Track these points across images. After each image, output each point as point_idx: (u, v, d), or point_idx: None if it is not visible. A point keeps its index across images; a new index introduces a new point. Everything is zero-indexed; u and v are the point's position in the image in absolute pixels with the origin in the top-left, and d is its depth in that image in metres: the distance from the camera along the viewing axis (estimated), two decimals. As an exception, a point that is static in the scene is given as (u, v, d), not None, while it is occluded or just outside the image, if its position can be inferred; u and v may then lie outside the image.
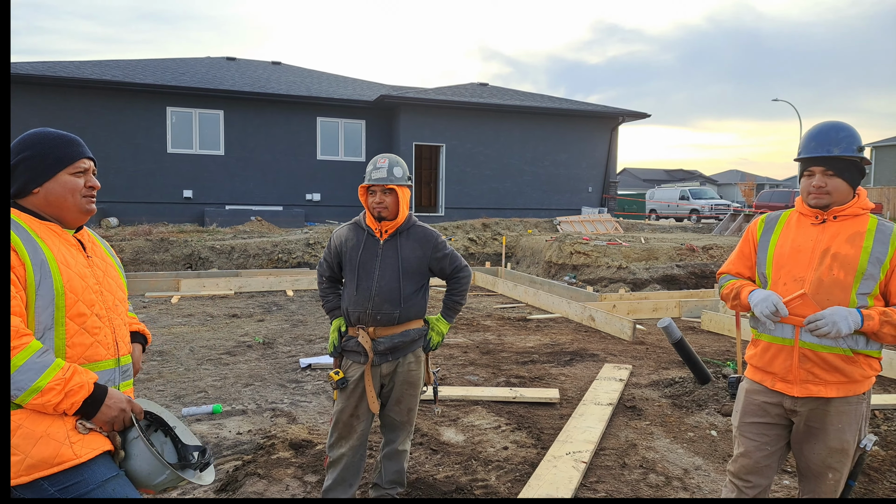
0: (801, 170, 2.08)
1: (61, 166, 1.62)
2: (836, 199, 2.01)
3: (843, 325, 1.86)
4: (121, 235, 12.35)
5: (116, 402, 1.54)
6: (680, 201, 27.02)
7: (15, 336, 1.40)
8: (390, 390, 2.67)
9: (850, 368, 1.96)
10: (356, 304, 2.57)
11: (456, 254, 2.72)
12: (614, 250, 11.42)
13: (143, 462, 1.55)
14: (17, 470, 1.43)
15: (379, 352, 2.57)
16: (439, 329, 2.70)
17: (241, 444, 3.59)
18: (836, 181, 1.99)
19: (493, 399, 4.42)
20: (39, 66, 16.22)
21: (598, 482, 3.16)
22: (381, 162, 2.57)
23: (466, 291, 2.75)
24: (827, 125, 2.04)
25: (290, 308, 8.39)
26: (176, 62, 19.83)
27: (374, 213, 2.57)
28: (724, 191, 47.02)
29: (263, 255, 11.90)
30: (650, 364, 5.54)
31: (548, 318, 7.81)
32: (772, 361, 2.07)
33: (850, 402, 1.99)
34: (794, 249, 2.05)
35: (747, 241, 2.24)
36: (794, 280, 2.02)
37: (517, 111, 18.94)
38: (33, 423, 1.45)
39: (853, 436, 2.00)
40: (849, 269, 1.95)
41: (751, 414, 2.13)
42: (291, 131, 17.65)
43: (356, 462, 2.68)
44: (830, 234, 2.01)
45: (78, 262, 1.62)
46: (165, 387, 4.72)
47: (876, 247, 1.95)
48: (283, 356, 5.73)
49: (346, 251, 2.63)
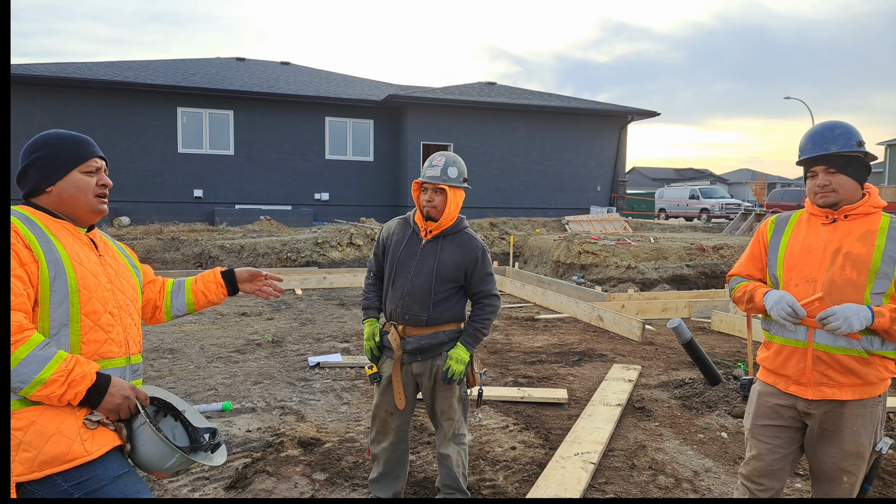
0: (805, 172, 2.06)
1: (73, 165, 1.64)
2: (843, 197, 1.98)
3: (854, 320, 1.82)
4: (132, 234, 12.45)
5: (120, 389, 1.55)
6: (690, 200, 26.86)
7: (18, 330, 1.42)
8: (424, 392, 2.62)
9: (864, 370, 1.93)
10: (390, 300, 2.57)
11: (493, 277, 2.61)
12: (623, 250, 11.37)
13: (152, 447, 1.57)
14: (30, 466, 1.45)
15: (407, 351, 2.54)
16: (459, 357, 2.48)
17: (250, 442, 3.61)
18: (840, 177, 1.97)
19: (501, 399, 4.41)
20: (52, 67, 16.39)
21: (606, 483, 3.14)
22: (438, 160, 2.51)
23: (491, 322, 2.57)
24: (822, 125, 2.03)
25: (298, 307, 8.43)
26: (186, 63, 19.97)
27: (423, 211, 2.53)
28: (734, 190, 46.68)
29: (272, 254, 11.96)
30: (660, 365, 5.51)
31: (556, 318, 7.79)
32: (785, 364, 2.04)
33: (865, 405, 1.96)
34: (805, 250, 2.03)
35: (757, 242, 2.21)
36: (806, 281, 2.00)
37: (525, 110, 18.91)
38: (46, 420, 1.47)
39: (868, 439, 1.97)
40: (861, 268, 1.92)
41: (763, 416, 2.11)
42: (300, 131, 17.73)
43: (398, 456, 2.70)
44: (842, 234, 1.99)
45: (91, 261, 1.64)
46: (176, 384, 4.76)
47: (889, 245, 1.92)
48: (292, 354, 5.76)
49: (391, 245, 2.61)
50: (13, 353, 1.41)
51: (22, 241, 1.51)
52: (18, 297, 1.46)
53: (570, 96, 22.30)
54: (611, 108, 20.25)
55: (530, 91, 21.75)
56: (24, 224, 1.54)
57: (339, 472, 3.18)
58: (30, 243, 1.51)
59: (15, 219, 1.54)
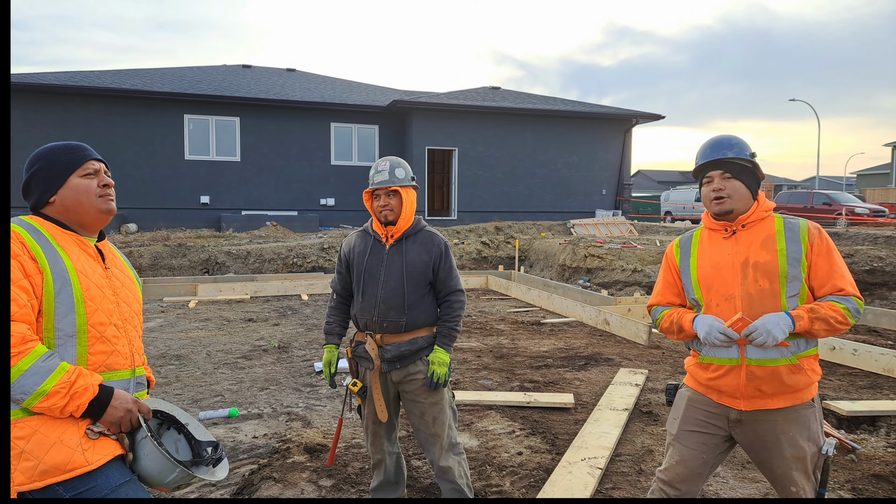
0: (700, 181, 2.11)
1: (70, 171, 1.65)
2: (737, 205, 2.02)
3: (776, 331, 1.84)
4: (140, 241, 12.53)
5: (122, 402, 1.55)
6: (696, 203, 26.74)
7: (21, 342, 1.42)
8: (409, 403, 2.58)
9: (794, 378, 1.94)
10: (362, 311, 2.54)
11: (457, 271, 2.62)
12: (629, 253, 11.33)
13: (153, 461, 1.56)
14: (31, 475, 1.45)
15: (386, 359, 2.52)
16: (440, 359, 2.49)
17: (256, 448, 3.62)
18: (735, 183, 2.01)
19: (507, 404, 4.40)
20: (61, 75, 16.56)
21: (614, 489, 3.13)
22: (382, 165, 2.53)
23: (461, 318, 2.59)
24: (720, 136, 2.12)
25: (304, 312, 8.45)
26: (193, 70, 20.13)
27: (381, 217, 2.54)
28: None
29: (279, 260, 11.99)
30: (667, 369, 5.48)
31: (562, 322, 7.76)
32: (719, 380, 2.03)
33: (797, 410, 1.97)
34: (715, 268, 2.04)
35: (668, 269, 2.21)
36: (725, 299, 2.01)
37: (529, 114, 18.92)
38: (48, 430, 1.47)
39: (807, 443, 1.97)
40: (772, 276, 1.95)
41: (692, 423, 2.10)
42: (306, 137, 17.81)
43: (395, 462, 2.71)
44: (744, 244, 2.02)
45: (96, 273, 1.65)
46: (183, 390, 4.78)
47: (790, 246, 1.96)
48: (298, 360, 5.77)
49: (354, 257, 2.61)
50: (16, 365, 1.41)
51: (28, 253, 1.51)
52: (22, 308, 1.46)
53: (575, 100, 22.29)
54: (615, 111, 20.22)
55: (535, 95, 21.76)
56: (30, 235, 1.55)
57: (346, 479, 3.18)
58: (35, 254, 1.52)
59: (22, 229, 1.55)
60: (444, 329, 2.57)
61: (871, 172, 46.79)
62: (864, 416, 4.14)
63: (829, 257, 1.96)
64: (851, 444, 3.57)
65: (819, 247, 1.96)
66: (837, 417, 4.14)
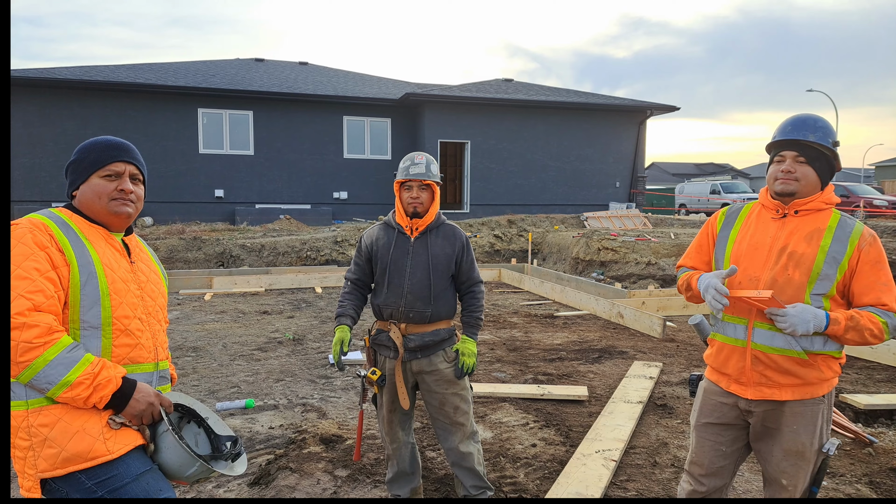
0: (772, 156, 2.00)
1: (93, 169, 1.67)
2: (802, 189, 1.93)
3: (802, 327, 1.79)
4: (155, 234, 12.68)
5: (145, 395, 1.57)
6: (711, 195, 26.45)
7: (47, 332, 1.44)
8: (428, 393, 2.63)
9: (804, 371, 1.89)
10: (387, 301, 2.58)
11: (476, 264, 2.73)
12: (643, 246, 11.25)
13: (173, 455, 1.58)
14: (54, 462, 1.48)
15: (409, 349, 2.57)
16: (469, 350, 2.60)
17: (273, 439, 3.67)
18: (806, 169, 1.92)
19: (521, 396, 4.41)
20: (76, 70, 16.73)
21: (628, 481, 3.13)
22: (419, 158, 2.59)
23: (483, 308, 2.71)
24: (806, 115, 1.99)
25: (318, 305, 8.51)
26: (206, 64, 20.23)
27: (409, 208, 2.57)
28: (756, 184, 45.87)
29: (292, 253, 12.08)
30: (681, 362, 5.46)
31: (575, 315, 7.75)
32: (726, 362, 2.01)
33: (805, 405, 1.92)
34: (752, 247, 1.99)
35: (706, 234, 2.17)
36: (749, 279, 1.96)
37: (542, 106, 18.79)
38: (71, 418, 1.49)
39: (809, 439, 1.92)
40: (804, 269, 1.88)
41: (707, 414, 2.09)
42: (318, 130, 17.86)
43: (410, 453, 2.74)
44: (789, 231, 1.94)
45: (121, 267, 1.67)
46: (200, 382, 4.85)
47: (834, 245, 1.87)
48: (313, 352, 5.82)
49: (378, 250, 2.64)
50: (42, 355, 1.43)
51: (55, 245, 1.54)
52: (49, 300, 1.48)
53: (589, 92, 22.12)
54: (629, 103, 20.02)
55: (548, 87, 21.60)
56: (59, 228, 1.57)
57: (361, 469, 3.22)
58: (63, 247, 1.54)
59: (51, 221, 1.58)
60: (470, 319, 2.68)
61: (889, 164, 45.92)
62: (881, 410, 4.10)
63: (877, 267, 1.87)
64: (869, 437, 3.54)
65: (868, 254, 1.87)
66: (855, 411, 4.10)
